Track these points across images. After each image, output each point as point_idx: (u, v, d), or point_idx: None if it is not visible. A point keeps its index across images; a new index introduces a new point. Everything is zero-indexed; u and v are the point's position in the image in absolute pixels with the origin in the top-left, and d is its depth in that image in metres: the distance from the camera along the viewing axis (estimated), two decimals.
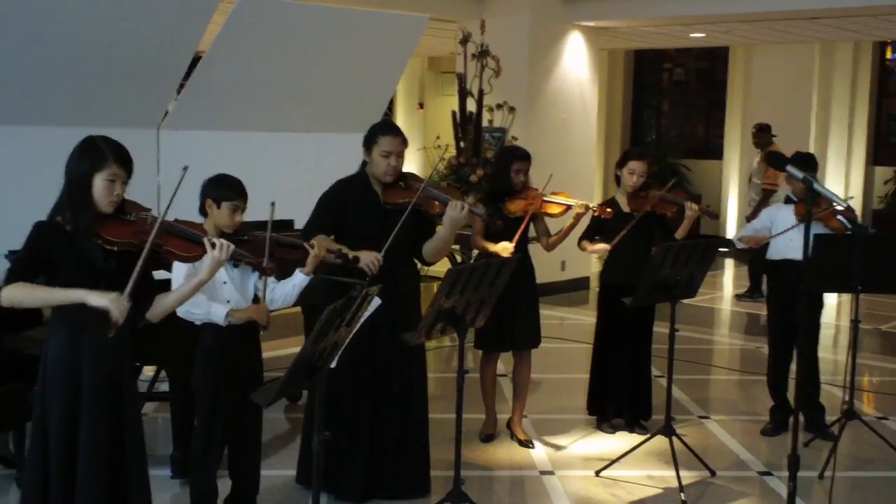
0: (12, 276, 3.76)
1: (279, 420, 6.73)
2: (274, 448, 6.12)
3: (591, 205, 6.13)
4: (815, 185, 3.64)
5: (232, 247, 3.97)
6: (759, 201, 11.52)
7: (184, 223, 4.02)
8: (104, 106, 6.74)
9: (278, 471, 5.70)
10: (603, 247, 6.28)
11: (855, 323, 5.96)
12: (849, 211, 6.13)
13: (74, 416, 3.85)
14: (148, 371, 6.77)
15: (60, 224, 3.80)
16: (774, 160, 3.85)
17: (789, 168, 3.76)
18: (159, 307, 4.03)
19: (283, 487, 5.47)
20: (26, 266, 3.78)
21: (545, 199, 6.13)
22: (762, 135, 12.15)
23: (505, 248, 5.93)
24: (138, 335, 5.17)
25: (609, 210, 6.21)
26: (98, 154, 3.79)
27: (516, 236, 5.99)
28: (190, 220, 4.14)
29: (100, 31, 6.48)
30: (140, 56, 6.74)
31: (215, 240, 3.93)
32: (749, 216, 10.93)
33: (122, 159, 3.83)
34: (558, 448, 6.29)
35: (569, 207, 6.16)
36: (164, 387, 6.26)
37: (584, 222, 6.45)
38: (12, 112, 6.29)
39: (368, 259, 4.98)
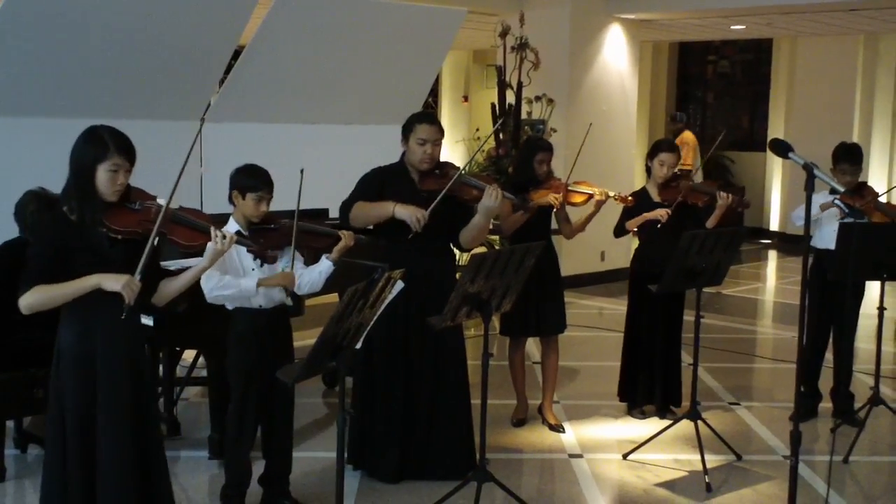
0: (30, 281, 3.76)
1: (317, 405, 6.91)
2: (312, 432, 6.29)
3: (611, 193, 6.23)
4: (816, 172, 3.70)
5: (234, 238, 4.04)
6: None
7: (189, 211, 4.08)
8: (148, 99, 6.93)
9: (315, 453, 5.87)
10: (664, 211, 6.31)
11: (880, 311, 6.04)
12: (848, 196, 6.18)
13: (90, 402, 3.92)
14: (187, 356, 6.99)
15: (65, 214, 3.86)
16: (778, 147, 3.90)
17: (791, 155, 3.81)
18: (164, 292, 4.13)
19: (321, 470, 5.61)
20: (46, 264, 3.79)
21: (569, 188, 6.24)
22: (674, 124, 13.80)
23: (556, 198, 6.10)
24: (178, 320, 5.40)
25: (630, 198, 6.31)
26: (100, 144, 3.82)
27: (554, 210, 6.18)
28: (195, 209, 4.20)
29: (143, 25, 6.66)
30: (183, 50, 6.91)
31: (218, 231, 3.98)
32: None
33: (125, 149, 3.85)
34: (588, 432, 6.40)
35: (591, 196, 6.25)
36: (203, 372, 6.46)
37: (614, 213, 6.56)
38: (59, 105, 6.49)
39: (413, 214, 5.12)
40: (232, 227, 4.69)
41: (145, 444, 4.04)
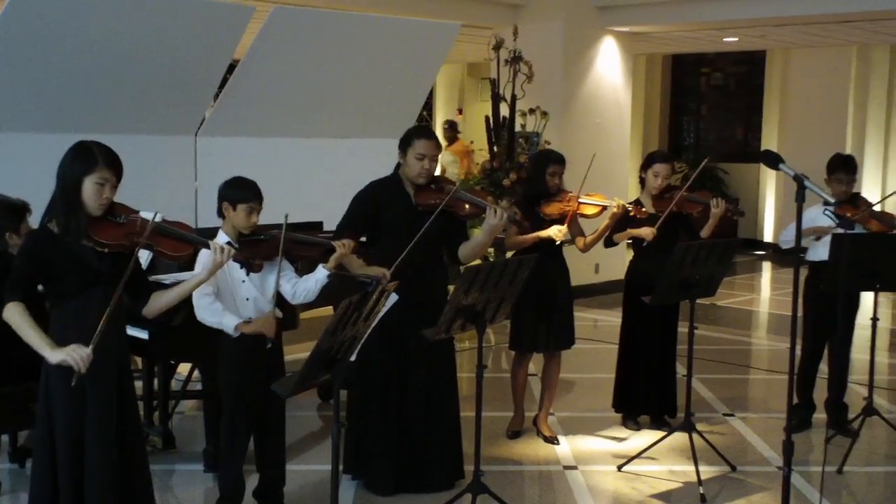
0: (13, 291, 3.83)
1: (312, 418, 6.92)
2: (307, 445, 6.29)
3: (627, 204, 6.25)
4: (807, 183, 3.72)
5: (232, 251, 4.12)
6: None
7: (174, 224, 4.13)
8: (144, 114, 6.97)
9: (310, 465, 5.88)
10: (649, 230, 6.26)
11: (873, 321, 6.06)
12: (840, 207, 6.19)
13: (79, 416, 3.94)
14: (182, 369, 6.99)
15: (50, 229, 3.90)
16: (769, 158, 3.91)
17: (782, 166, 3.83)
18: (156, 304, 4.17)
19: (317, 482, 5.61)
20: (25, 276, 3.86)
21: (581, 200, 6.26)
22: (451, 131, 14.34)
23: (559, 231, 6.10)
24: (173, 334, 5.41)
25: (644, 210, 6.33)
26: (89, 158, 3.88)
27: (566, 221, 6.14)
28: (179, 221, 4.23)
29: (138, 40, 6.68)
30: (178, 65, 6.94)
31: (219, 245, 4.06)
32: None
33: (112, 163, 3.92)
34: (583, 444, 6.40)
35: (604, 208, 6.27)
36: (198, 385, 6.47)
37: None
38: (56, 121, 6.51)
39: (376, 274, 5.04)
40: (221, 238, 4.72)
41: (129, 456, 4.07)
